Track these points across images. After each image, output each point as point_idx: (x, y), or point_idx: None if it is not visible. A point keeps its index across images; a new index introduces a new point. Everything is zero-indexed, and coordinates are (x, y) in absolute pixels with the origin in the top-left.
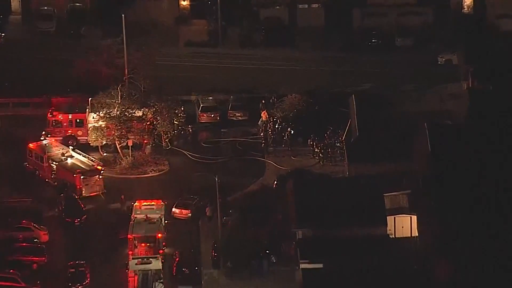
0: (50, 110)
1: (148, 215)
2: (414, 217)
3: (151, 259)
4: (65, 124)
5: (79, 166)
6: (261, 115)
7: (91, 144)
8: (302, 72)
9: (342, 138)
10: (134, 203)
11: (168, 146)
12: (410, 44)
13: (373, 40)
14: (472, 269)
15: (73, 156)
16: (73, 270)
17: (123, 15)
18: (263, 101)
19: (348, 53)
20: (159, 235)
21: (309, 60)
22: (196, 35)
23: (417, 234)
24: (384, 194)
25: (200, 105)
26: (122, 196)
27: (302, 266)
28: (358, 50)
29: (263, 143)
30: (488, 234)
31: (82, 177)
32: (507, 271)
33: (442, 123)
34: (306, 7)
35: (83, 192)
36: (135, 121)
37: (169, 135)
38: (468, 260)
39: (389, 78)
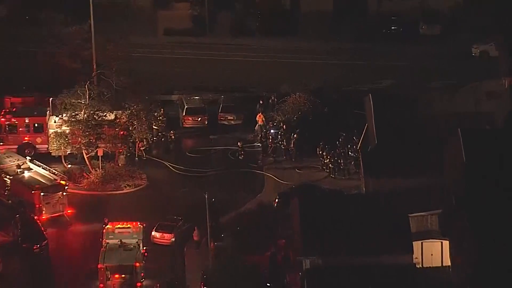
0: (2, 113)
1: (122, 241)
2: (446, 243)
3: None
4: (21, 129)
5: (38, 180)
6: (257, 118)
7: (52, 154)
8: (307, 67)
9: (357, 146)
10: (106, 225)
11: (144, 157)
12: (438, 32)
13: (392, 28)
14: None
15: (31, 169)
16: None
17: None
18: (261, 102)
19: (362, 44)
20: (137, 264)
21: (315, 52)
22: (178, 22)
23: (449, 263)
24: (409, 215)
25: (184, 107)
26: (106, 220)
27: None
28: (375, 40)
29: (262, 153)
30: None
31: (42, 194)
32: None
33: (478, 128)
34: None
35: (44, 212)
36: (106, 126)
37: (147, 142)
38: None
39: (413, 74)
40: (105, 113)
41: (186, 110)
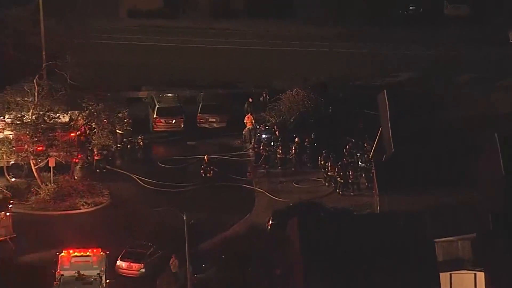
0: None
1: (81, 272)
2: (481, 274)
3: None
4: None
5: None
6: (245, 120)
7: None
8: (307, 57)
9: (369, 155)
10: (60, 253)
11: (105, 169)
12: (465, 14)
13: (411, 8)
14: None
15: None
16: None
17: None
18: (250, 100)
19: (375, 28)
20: None
21: (317, 38)
22: (146, 1)
23: None
24: (435, 240)
25: (155, 106)
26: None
27: None
28: (389, 23)
29: (253, 163)
30: None
31: None
32: None
33: None
34: None
35: None
36: (59, 130)
37: (109, 150)
38: None
39: (436, 65)
40: (57, 114)
41: (157, 110)
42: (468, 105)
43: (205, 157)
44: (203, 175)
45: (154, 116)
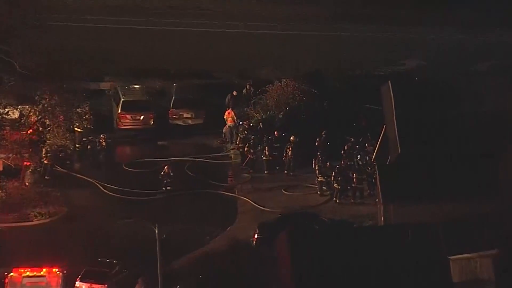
0: None
1: None
2: None
3: None
4: None
5: None
6: (226, 116)
7: None
8: (298, 41)
9: (371, 156)
10: (9, 273)
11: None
12: None
13: None
14: None
15: None
16: None
17: None
18: (234, 93)
19: (377, 7)
20: None
21: (310, 19)
22: None
23: None
24: (450, 257)
25: (120, 100)
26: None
27: None
28: (394, 2)
29: (243, 165)
30: None
31: None
32: None
33: None
34: None
35: None
36: (7, 128)
37: (66, 151)
38: None
39: (450, 50)
40: (6, 109)
41: (122, 104)
42: (489, 98)
43: (165, 167)
44: (163, 188)
45: (119, 111)
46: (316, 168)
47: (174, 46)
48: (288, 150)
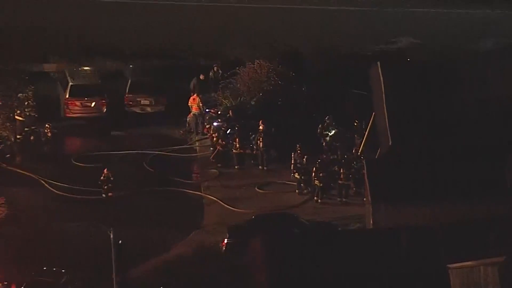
0: None
1: None
2: None
3: None
4: None
5: None
6: (190, 102)
7: None
8: (273, 16)
9: (358, 149)
10: None
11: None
12: None
13: None
14: None
15: None
16: None
17: None
18: (201, 77)
19: None
20: None
21: None
22: None
23: None
24: (449, 266)
25: (67, 84)
26: None
27: None
28: None
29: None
30: None
31: None
32: None
33: None
34: None
35: None
36: None
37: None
38: None
39: (448, 26)
40: None
41: (70, 89)
42: (494, 81)
43: (105, 170)
44: (103, 195)
45: (67, 96)
46: (293, 163)
47: (130, 22)
48: (259, 141)
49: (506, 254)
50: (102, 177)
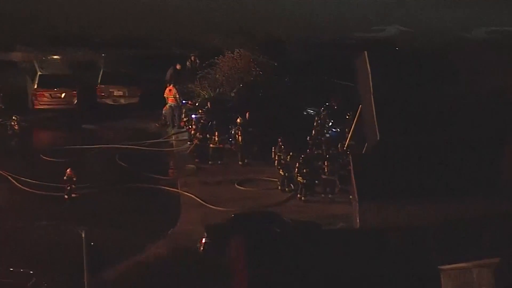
0: None
1: None
2: None
3: None
4: None
5: None
6: (166, 94)
7: None
8: (253, 2)
9: (344, 144)
10: None
11: None
12: None
13: None
14: None
15: None
16: None
17: None
18: (178, 67)
19: None
20: None
21: None
22: None
23: None
24: (441, 267)
25: (36, 74)
26: None
27: None
28: None
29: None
30: None
31: None
32: None
33: None
34: None
35: None
36: None
37: None
38: None
39: (440, 14)
40: None
41: (39, 79)
42: (487, 72)
43: (68, 170)
44: (65, 196)
45: (35, 87)
46: (276, 158)
47: (103, 9)
48: (238, 135)
49: (501, 255)
50: (64, 177)
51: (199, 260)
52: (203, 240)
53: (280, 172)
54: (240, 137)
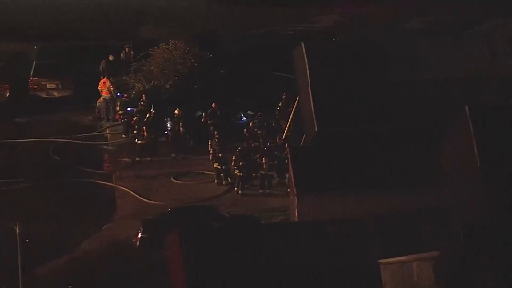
0: None
1: None
2: None
3: None
4: None
5: None
6: (100, 86)
7: None
8: None
9: (281, 136)
10: None
11: None
12: None
13: None
14: None
15: None
16: None
17: None
18: (111, 58)
19: None
20: None
21: None
22: None
23: None
24: (380, 261)
25: None
26: None
27: None
28: None
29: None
30: None
31: None
32: None
33: (498, 104)
34: None
35: None
36: None
37: None
38: None
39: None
40: None
41: None
42: (425, 63)
43: None
44: None
45: None
46: (211, 151)
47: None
48: (174, 127)
49: (440, 248)
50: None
51: (135, 255)
52: (139, 235)
53: (215, 165)
54: (176, 129)
